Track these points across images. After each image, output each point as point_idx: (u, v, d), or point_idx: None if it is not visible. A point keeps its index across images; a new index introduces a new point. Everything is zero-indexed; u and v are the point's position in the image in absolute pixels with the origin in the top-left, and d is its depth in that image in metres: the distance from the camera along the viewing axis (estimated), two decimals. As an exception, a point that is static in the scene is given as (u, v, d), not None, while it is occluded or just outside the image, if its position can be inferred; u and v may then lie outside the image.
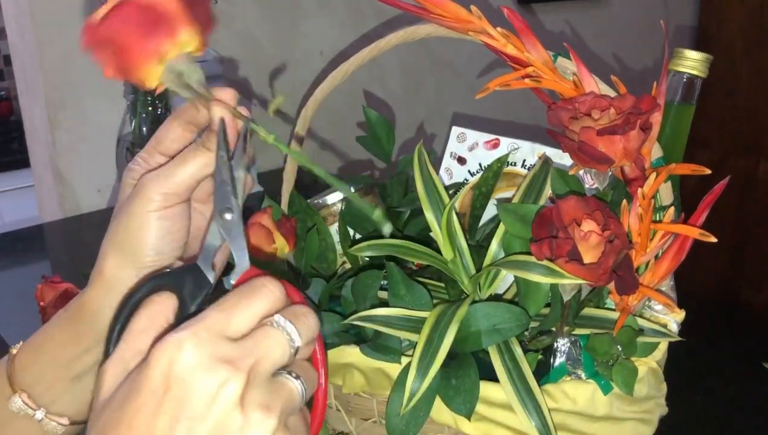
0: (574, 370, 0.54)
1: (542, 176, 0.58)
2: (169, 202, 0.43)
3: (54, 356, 0.45)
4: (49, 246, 1.21)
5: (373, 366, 0.53)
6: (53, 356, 0.45)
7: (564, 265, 0.47)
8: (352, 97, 1.56)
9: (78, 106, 1.26)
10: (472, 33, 0.56)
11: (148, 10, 0.34)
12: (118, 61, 0.36)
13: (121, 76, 0.37)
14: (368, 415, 0.57)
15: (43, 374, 0.45)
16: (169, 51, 0.36)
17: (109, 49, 0.35)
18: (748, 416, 0.75)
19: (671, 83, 0.60)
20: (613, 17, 2.12)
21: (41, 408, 0.44)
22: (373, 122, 0.72)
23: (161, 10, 0.34)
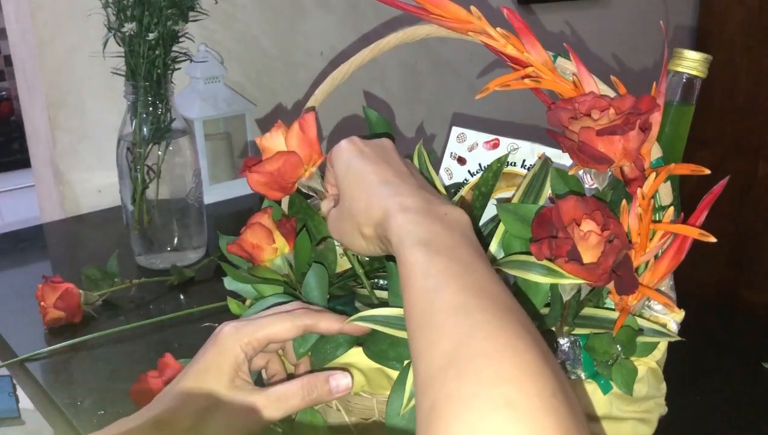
0: (574, 370, 0.55)
1: (542, 176, 0.58)
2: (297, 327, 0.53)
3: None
4: (50, 246, 1.21)
5: (373, 366, 0.53)
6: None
7: (564, 265, 0.47)
8: (352, 97, 1.56)
9: (78, 106, 1.26)
10: (472, 33, 0.56)
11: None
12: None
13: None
14: (368, 415, 0.57)
15: None
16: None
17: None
18: (748, 416, 0.75)
19: (671, 83, 0.60)
20: (613, 17, 2.12)
21: None
22: (373, 122, 0.72)
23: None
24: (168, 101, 0.99)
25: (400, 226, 0.45)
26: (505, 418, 0.32)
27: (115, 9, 0.95)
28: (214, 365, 0.51)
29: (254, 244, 0.60)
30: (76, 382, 0.79)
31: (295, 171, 0.55)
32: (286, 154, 0.54)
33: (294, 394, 0.52)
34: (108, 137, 1.17)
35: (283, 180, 0.55)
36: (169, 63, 0.98)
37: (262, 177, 0.54)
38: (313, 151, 0.56)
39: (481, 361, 0.35)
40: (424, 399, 0.36)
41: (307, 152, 0.55)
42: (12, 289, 1.01)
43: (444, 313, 0.39)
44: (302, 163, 0.55)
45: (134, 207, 1.01)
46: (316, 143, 0.56)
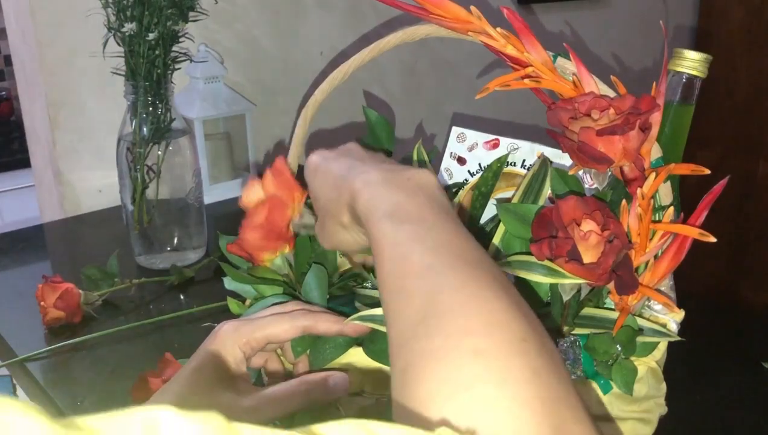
0: (574, 370, 0.55)
1: (541, 176, 0.58)
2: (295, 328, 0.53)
3: None
4: (50, 246, 1.21)
5: (373, 365, 0.53)
6: None
7: (564, 265, 0.47)
8: (352, 97, 1.56)
9: (78, 106, 1.26)
10: (471, 33, 0.56)
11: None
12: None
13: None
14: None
15: None
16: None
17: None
18: (748, 416, 0.75)
19: (671, 83, 0.60)
20: (613, 17, 2.12)
21: None
22: (373, 122, 0.72)
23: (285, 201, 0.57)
24: (168, 101, 0.99)
25: (364, 203, 0.46)
26: (475, 366, 0.33)
27: (115, 9, 0.95)
28: (211, 364, 0.51)
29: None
30: (76, 382, 0.79)
31: (283, 213, 0.56)
32: (269, 200, 0.55)
33: (292, 394, 0.52)
34: (108, 137, 1.17)
35: (276, 227, 0.55)
36: (169, 63, 0.98)
37: (256, 232, 0.55)
38: (293, 189, 0.56)
39: (448, 316, 0.36)
40: (397, 362, 0.36)
41: (288, 193, 0.56)
42: (12, 289, 1.01)
43: (412, 277, 0.39)
44: (286, 203, 0.56)
45: (134, 207, 1.01)
46: (293, 182, 0.57)
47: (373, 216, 0.44)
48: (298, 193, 0.57)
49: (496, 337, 0.34)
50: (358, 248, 0.53)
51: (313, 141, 1.36)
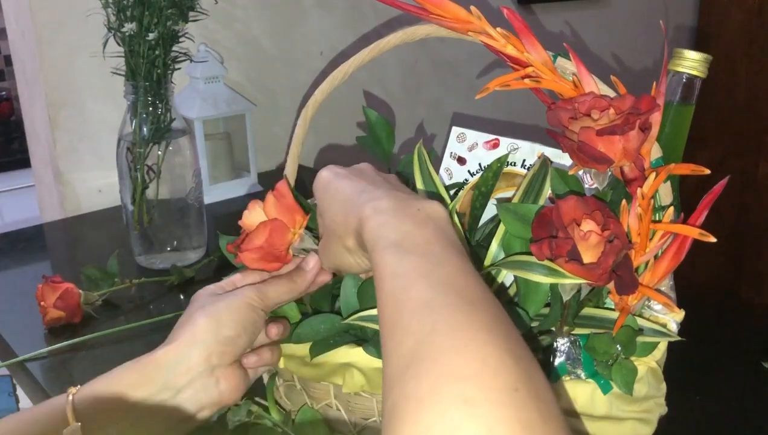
0: (574, 370, 0.55)
1: (542, 176, 0.58)
2: (260, 305, 0.54)
3: (117, 397, 0.49)
4: (50, 246, 1.21)
5: (373, 365, 0.53)
6: (117, 396, 0.49)
7: (564, 265, 0.47)
8: (352, 97, 1.56)
9: (78, 106, 1.26)
10: (471, 33, 0.56)
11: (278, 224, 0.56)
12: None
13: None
14: (368, 415, 0.57)
15: (103, 413, 0.49)
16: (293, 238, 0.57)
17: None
18: (748, 416, 0.75)
19: (671, 83, 0.60)
20: (613, 17, 2.12)
21: None
22: (373, 122, 0.72)
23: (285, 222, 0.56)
24: (168, 101, 0.99)
25: (371, 230, 0.46)
26: (461, 414, 0.32)
27: (115, 9, 0.95)
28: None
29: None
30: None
31: (283, 237, 0.55)
32: (270, 223, 0.55)
33: (277, 283, 0.56)
34: (108, 137, 1.17)
35: (275, 249, 0.55)
36: (169, 63, 0.98)
37: (254, 253, 0.55)
38: (295, 213, 0.56)
39: (440, 358, 0.35)
40: (386, 400, 0.36)
41: (289, 217, 0.56)
42: (12, 289, 1.01)
43: (409, 313, 0.39)
44: (288, 227, 0.55)
45: (134, 207, 1.01)
46: (295, 206, 0.57)
47: (378, 244, 0.44)
48: (300, 216, 0.57)
49: (486, 384, 0.33)
50: (359, 271, 0.54)
51: (313, 140, 1.35)
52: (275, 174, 1.43)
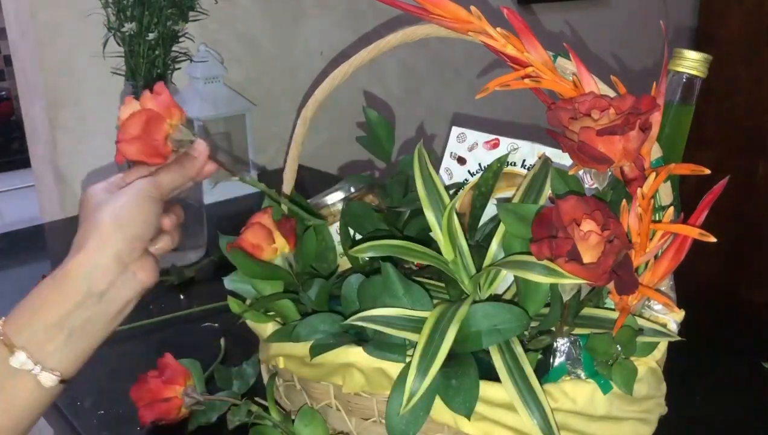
0: (574, 370, 0.55)
1: (542, 176, 0.58)
2: (157, 195, 0.55)
3: (46, 315, 0.51)
4: (50, 246, 1.21)
5: (373, 366, 0.53)
6: (44, 316, 0.51)
7: (564, 265, 0.47)
8: (352, 97, 1.56)
9: (78, 106, 1.26)
10: (471, 33, 0.56)
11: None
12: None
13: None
14: (368, 415, 0.57)
15: (37, 333, 0.51)
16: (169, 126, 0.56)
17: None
18: (748, 416, 0.75)
19: (671, 83, 0.60)
20: (613, 17, 2.12)
21: (38, 363, 0.50)
22: (373, 122, 0.72)
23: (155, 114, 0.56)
24: (168, 101, 0.99)
25: None
26: None
27: (115, 9, 0.95)
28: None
29: (254, 244, 0.60)
30: (75, 382, 0.79)
31: (159, 127, 0.55)
32: (145, 111, 0.55)
33: (168, 170, 0.56)
34: (108, 137, 1.17)
35: (153, 139, 0.55)
36: (169, 63, 0.98)
37: (132, 145, 0.54)
38: (171, 107, 0.56)
39: None
40: None
41: (165, 111, 0.56)
42: (12, 289, 1.01)
43: None
44: (163, 117, 0.55)
45: (134, 207, 1.01)
46: (171, 101, 0.56)
47: None
48: (177, 111, 0.56)
49: None
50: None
51: (313, 140, 1.35)
52: (275, 174, 1.43)
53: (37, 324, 0.51)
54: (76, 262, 0.52)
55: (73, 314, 0.51)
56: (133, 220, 0.54)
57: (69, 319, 0.51)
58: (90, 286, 0.51)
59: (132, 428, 0.70)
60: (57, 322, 0.51)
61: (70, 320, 0.51)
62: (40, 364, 0.50)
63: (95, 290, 0.52)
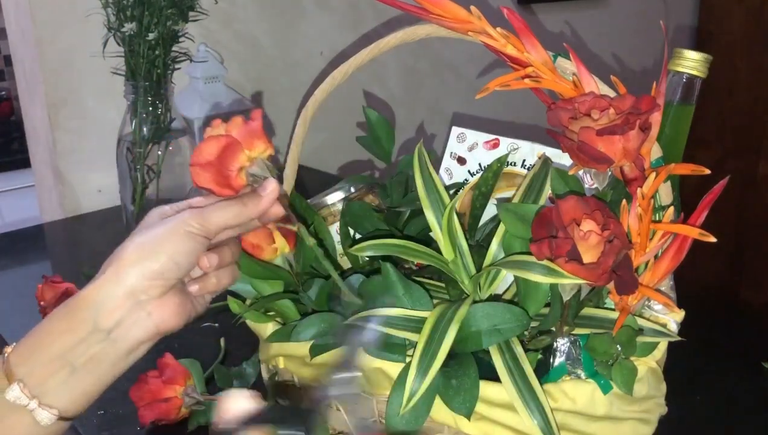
0: (574, 370, 0.55)
1: (542, 176, 0.58)
2: (200, 232, 0.50)
3: (50, 347, 0.48)
4: (50, 246, 1.21)
5: (373, 366, 0.53)
6: (49, 347, 0.48)
7: (564, 265, 0.47)
8: (352, 97, 1.56)
9: (78, 106, 1.26)
10: (471, 33, 0.56)
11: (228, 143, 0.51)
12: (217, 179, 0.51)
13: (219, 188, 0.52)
14: (368, 415, 0.57)
15: (39, 366, 0.47)
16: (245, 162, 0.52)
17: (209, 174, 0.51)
18: (748, 416, 0.75)
19: (671, 83, 0.60)
20: (613, 17, 2.12)
21: (35, 398, 0.47)
22: (373, 122, 0.72)
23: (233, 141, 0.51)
24: (168, 101, 0.99)
25: None
26: None
27: (115, 9, 0.95)
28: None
29: (254, 244, 0.60)
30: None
31: (235, 156, 0.50)
32: (224, 138, 0.50)
33: (224, 206, 0.51)
34: (108, 137, 1.17)
35: (225, 168, 0.50)
36: (169, 63, 0.98)
37: (204, 170, 0.50)
38: (258, 139, 0.51)
39: None
40: None
41: (250, 141, 0.51)
42: (12, 289, 1.01)
43: None
44: (242, 147, 0.51)
45: (134, 207, 1.01)
46: (261, 133, 0.52)
47: None
48: (262, 144, 0.51)
49: None
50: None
51: (313, 140, 1.35)
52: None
53: (40, 356, 0.47)
54: (87, 292, 0.49)
55: (77, 349, 0.47)
56: (157, 254, 0.49)
57: (72, 353, 0.47)
58: (96, 321, 0.48)
59: (132, 428, 0.70)
60: (59, 356, 0.47)
61: (73, 355, 0.47)
62: (37, 398, 0.47)
63: (102, 326, 0.48)
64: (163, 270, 0.49)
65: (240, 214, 0.51)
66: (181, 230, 0.49)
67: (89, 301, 0.48)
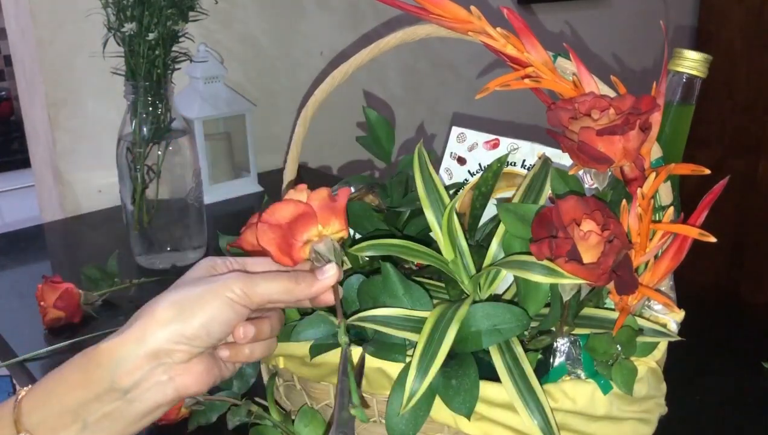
0: (574, 370, 0.55)
1: (542, 176, 0.58)
2: (242, 301, 0.47)
3: (63, 399, 0.45)
4: (50, 246, 1.21)
5: (373, 366, 0.53)
6: (62, 399, 0.45)
7: (564, 265, 0.47)
8: (352, 97, 1.56)
9: (78, 106, 1.26)
10: (471, 33, 0.56)
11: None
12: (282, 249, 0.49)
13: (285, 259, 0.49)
14: (368, 415, 0.57)
15: (50, 417, 0.45)
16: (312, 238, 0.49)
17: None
18: (748, 416, 0.75)
19: (671, 83, 0.60)
20: (613, 17, 2.12)
21: None
22: (373, 122, 0.72)
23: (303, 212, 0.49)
24: (168, 101, 0.99)
25: None
26: None
27: (115, 9, 0.95)
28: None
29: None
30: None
31: (306, 227, 0.49)
32: (302, 206, 0.48)
33: (274, 279, 0.48)
34: (108, 137, 1.17)
35: (293, 237, 0.48)
36: (169, 63, 0.98)
37: (270, 231, 0.48)
38: (335, 217, 0.50)
39: None
40: None
41: (326, 217, 0.49)
42: (12, 289, 1.01)
43: None
44: (316, 221, 0.49)
45: (134, 207, 1.01)
46: (341, 212, 0.50)
47: None
48: (338, 223, 0.50)
49: None
50: None
51: (313, 140, 1.34)
52: (275, 174, 1.43)
53: (52, 407, 0.45)
54: (108, 347, 0.46)
55: (91, 405, 0.45)
56: (189, 319, 0.46)
57: (85, 409, 0.45)
58: (114, 379, 0.45)
59: (132, 428, 0.70)
60: (72, 410, 0.45)
61: (86, 411, 0.45)
62: None
63: (118, 386, 0.45)
64: (193, 336, 0.46)
65: (290, 292, 0.49)
66: (222, 296, 0.46)
67: (107, 359, 0.45)
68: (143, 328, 0.46)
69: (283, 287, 0.48)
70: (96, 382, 0.45)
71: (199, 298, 0.46)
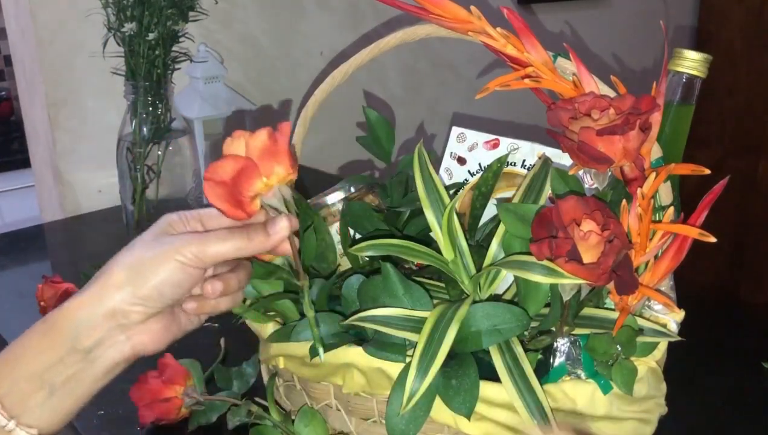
0: (574, 370, 0.55)
1: (542, 176, 0.58)
2: (193, 263, 0.47)
3: (29, 366, 0.46)
4: (50, 246, 1.21)
5: (373, 366, 0.53)
6: (28, 366, 0.46)
7: (564, 265, 0.47)
8: (352, 97, 1.56)
9: (78, 106, 1.26)
10: (471, 33, 0.56)
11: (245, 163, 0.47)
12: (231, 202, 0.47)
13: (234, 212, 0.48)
14: (368, 415, 0.57)
15: (17, 384, 0.46)
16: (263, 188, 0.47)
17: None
18: (748, 416, 0.75)
19: (671, 83, 0.60)
20: (613, 17, 2.12)
21: (12, 419, 0.46)
22: (373, 122, 0.72)
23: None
24: (168, 101, 0.99)
25: None
26: None
27: (115, 9, 0.95)
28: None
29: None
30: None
31: (250, 181, 0.46)
32: (242, 160, 0.46)
33: (226, 237, 0.48)
34: (108, 137, 1.17)
35: (239, 193, 0.47)
36: (169, 63, 0.98)
37: (217, 188, 0.47)
38: (279, 163, 0.47)
39: None
40: None
41: (270, 164, 0.47)
42: (12, 289, 1.01)
43: None
44: (260, 173, 0.46)
45: (134, 207, 1.01)
46: (285, 155, 0.47)
47: None
48: (283, 169, 0.47)
49: None
50: None
51: (313, 140, 1.34)
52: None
53: (18, 374, 0.46)
54: (67, 310, 0.47)
55: (55, 368, 0.46)
56: (143, 282, 0.47)
57: (50, 373, 0.46)
58: (75, 341, 0.46)
59: (132, 428, 0.70)
60: (38, 375, 0.46)
61: (51, 374, 0.46)
62: (16, 419, 0.45)
63: (81, 346, 0.46)
64: (146, 298, 0.47)
65: (241, 250, 0.48)
66: (172, 259, 0.47)
67: (69, 320, 0.47)
68: (100, 290, 0.47)
69: (236, 245, 0.48)
70: (59, 345, 0.47)
71: (151, 261, 0.47)
